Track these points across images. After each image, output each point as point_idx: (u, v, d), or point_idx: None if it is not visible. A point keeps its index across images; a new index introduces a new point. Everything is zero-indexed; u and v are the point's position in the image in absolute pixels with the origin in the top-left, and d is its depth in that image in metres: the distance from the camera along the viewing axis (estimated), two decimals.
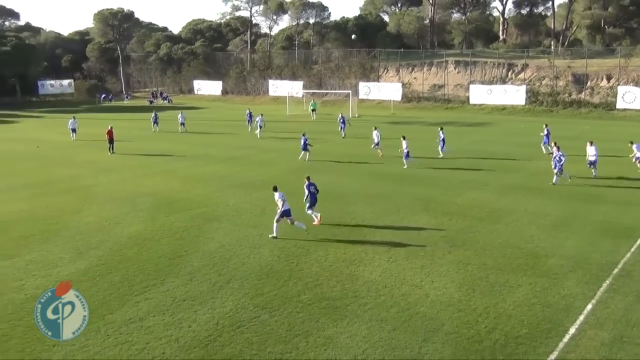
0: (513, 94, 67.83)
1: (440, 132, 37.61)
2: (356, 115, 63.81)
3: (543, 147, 37.82)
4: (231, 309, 15.14)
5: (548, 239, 20.47)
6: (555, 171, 28.44)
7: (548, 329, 13.79)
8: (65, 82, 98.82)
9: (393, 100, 72.73)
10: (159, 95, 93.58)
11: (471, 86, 71.89)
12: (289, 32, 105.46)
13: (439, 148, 37.04)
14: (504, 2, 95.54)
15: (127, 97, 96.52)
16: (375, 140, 37.24)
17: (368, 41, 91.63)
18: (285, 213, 20.61)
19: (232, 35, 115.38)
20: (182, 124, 51.58)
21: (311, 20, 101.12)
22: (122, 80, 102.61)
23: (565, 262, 18.05)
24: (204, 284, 16.80)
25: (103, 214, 24.56)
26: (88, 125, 55.19)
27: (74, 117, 47.34)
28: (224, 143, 44.00)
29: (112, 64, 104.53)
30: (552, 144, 30.11)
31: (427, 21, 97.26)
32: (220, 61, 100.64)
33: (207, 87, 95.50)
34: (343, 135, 47.07)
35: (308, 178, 22.83)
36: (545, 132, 38.00)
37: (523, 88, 67.72)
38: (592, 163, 29.95)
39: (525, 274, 17.22)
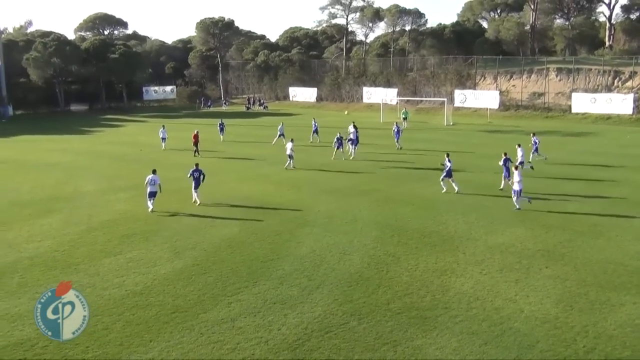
0: (619, 103, 64.43)
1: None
2: (450, 124, 62.74)
3: (532, 156, 37.01)
4: (320, 314, 15.22)
5: None
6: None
7: None
8: (168, 88, 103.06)
9: (490, 109, 70.93)
10: (255, 101, 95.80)
11: (574, 94, 68.94)
12: (384, 39, 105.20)
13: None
14: (611, 7, 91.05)
15: (225, 104, 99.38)
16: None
17: (465, 48, 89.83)
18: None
19: (327, 42, 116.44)
20: (282, 134, 48.27)
21: (407, 27, 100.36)
22: (221, 87, 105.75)
23: None
24: (294, 288, 16.98)
25: (199, 216, 25.36)
26: (188, 130, 57.29)
27: (163, 127, 48.36)
28: (316, 149, 44.38)
29: (212, 71, 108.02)
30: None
31: (527, 27, 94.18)
32: (315, 68, 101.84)
33: (302, 94, 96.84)
34: (398, 147, 44.41)
35: (196, 165, 27.75)
36: (534, 141, 37.74)
37: (631, 97, 64.17)
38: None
39: (629, 292, 16.27)
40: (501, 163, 29.74)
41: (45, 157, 43.78)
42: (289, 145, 36.87)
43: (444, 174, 29.23)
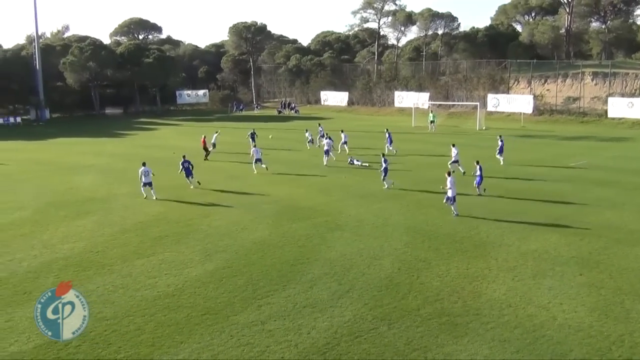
0: None
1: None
2: (483, 128, 62.12)
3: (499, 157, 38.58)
4: (350, 318, 15.18)
5: None
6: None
7: None
8: (201, 92, 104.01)
9: (523, 113, 69.98)
10: (287, 105, 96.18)
11: (610, 99, 67.60)
12: (416, 43, 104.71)
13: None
14: None
15: (257, 107, 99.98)
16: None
17: (498, 52, 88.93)
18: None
19: (359, 46, 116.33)
20: (311, 141, 48.26)
21: (440, 31, 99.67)
22: (253, 91, 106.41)
23: None
24: (324, 292, 16.97)
25: (230, 219, 25.53)
26: (220, 134, 57.85)
27: (217, 132, 48.45)
28: (345, 154, 44.28)
29: (244, 75, 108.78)
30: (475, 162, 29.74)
31: (563, 30, 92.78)
32: (347, 72, 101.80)
33: (334, 98, 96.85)
34: (391, 151, 43.68)
35: (184, 156, 31.99)
36: (500, 143, 38.87)
37: None
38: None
39: None
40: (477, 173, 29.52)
41: (80, 160, 44.59)
42: (327, 141, 39.16)
43: (477, 180, 29.37)
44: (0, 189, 33.43)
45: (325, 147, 39.29)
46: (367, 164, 37.90)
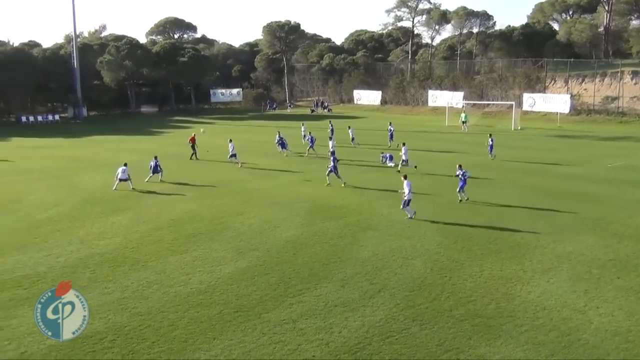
0: None
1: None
2: (518, 128, 61.29)
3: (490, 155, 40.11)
4: (381, 318, 15.12)
5: None
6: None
7: None
8: (235, 90, 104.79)
9: (560, 113, 68.82)
10: (320, 104, 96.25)
11: None
12: (451, 42, 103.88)
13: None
14: None
15: (290, 106, 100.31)
16: (231, 152, 39.25)
17: (535, 50, 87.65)
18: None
19: (393, 45, 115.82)
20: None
21: (475, 30, 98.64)
22: (286, 90, 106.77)
23: None
24: (355, 291, 16.94)
25: (263, 217, 25.64)
26: (253, 132, 58.32)
27: (278, 133, 47.05)
28: (377, 152, 44.11)
29: (278, 73, 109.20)
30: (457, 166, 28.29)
31: (601, 29, 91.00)
32: (380, 71, 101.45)
33: (367, 97, 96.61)
34: (392, 145, 46.62)
35: (155, 157, 33.76)
36: (490, 142, 40.17)
37: None
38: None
39: None
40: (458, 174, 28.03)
41: (116, 157, 45.16)
42: (404, 149, 37.62)
43: (460, 184, 27.83)
44: (37, 186, 34.11)
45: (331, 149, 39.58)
46: (406, 163, 37.25)
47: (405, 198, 24.87)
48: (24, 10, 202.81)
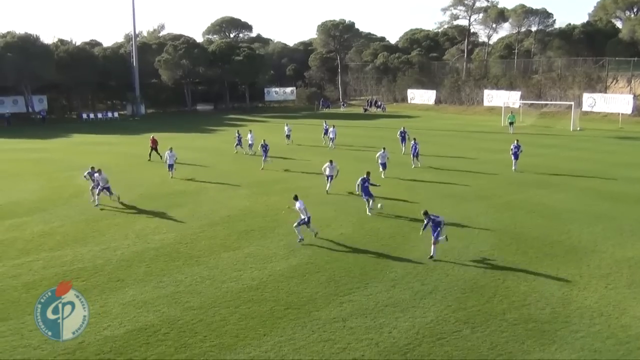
0: None
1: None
2: (577, 129, 59.63)
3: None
4: (432, 319, 14.97)
5: None
6: None
7: None
8: (288, 89, 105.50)
9: (622, 114, 66.63)
10: (373, 103, 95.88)
11: None
12: (508, 41, 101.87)
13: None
14: None
15: (343, 105, 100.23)
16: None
17: (596, 49, 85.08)
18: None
19: (448, 44, 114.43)
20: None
21: (533, 28, 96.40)
22: (340, 89, 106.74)
23: None
24: (406, 292, 16.82)
25: (315, 215, 25.53)
26: (306, 130, 58.51)
27: (287, 124, 51.58)
28: (433, 152, 43.65)
29: (331, 72, 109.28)
30: None
31: None
32: (435, 70, 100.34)
33: (421, 96, 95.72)
34: (404, 151, 43.10)
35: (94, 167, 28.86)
36: (514, 149, 35.54)
37: None
38: None
39: None
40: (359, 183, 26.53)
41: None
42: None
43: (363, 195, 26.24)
44: None
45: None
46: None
47: (304, 218, 22.16)
48: (86, 10, 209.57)
